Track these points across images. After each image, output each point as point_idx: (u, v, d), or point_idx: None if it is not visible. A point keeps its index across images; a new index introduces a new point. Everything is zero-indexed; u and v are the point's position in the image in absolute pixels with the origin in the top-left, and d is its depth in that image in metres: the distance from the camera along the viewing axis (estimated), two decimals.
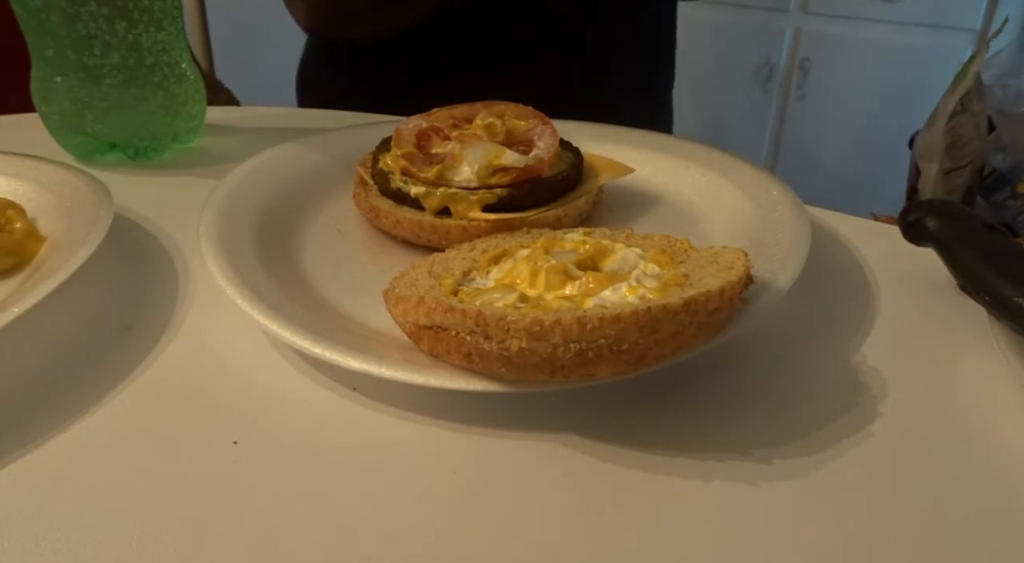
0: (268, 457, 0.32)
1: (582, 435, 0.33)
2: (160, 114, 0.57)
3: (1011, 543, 0.29)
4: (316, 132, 0.56)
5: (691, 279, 0.35)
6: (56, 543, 0.28)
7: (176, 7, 0.56)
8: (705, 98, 1.95)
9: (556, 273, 0.35)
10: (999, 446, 0.33)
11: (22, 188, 0.48)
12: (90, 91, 0.54)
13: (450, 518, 0.29)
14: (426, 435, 0.33)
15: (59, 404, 0.35)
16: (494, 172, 0.45)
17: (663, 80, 0.95)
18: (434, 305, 0.32)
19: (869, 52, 1.84)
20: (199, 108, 0.60)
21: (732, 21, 1.91)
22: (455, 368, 0.33)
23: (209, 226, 0.43)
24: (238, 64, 2.21)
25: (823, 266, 0.45)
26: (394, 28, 0.80)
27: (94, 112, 0.55)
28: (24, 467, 0.32)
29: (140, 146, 0.58)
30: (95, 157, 0.58)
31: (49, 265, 0.40)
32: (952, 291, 0.41)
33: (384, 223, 0.47)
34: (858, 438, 0.33)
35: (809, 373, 0.37)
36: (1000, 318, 0.36)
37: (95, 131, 0.56)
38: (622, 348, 0.30)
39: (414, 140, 0.48)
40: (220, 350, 0.38)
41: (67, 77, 0.54)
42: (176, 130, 0.59)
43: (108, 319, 0.41)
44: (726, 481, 0.31)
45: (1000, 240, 0.40)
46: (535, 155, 0.46)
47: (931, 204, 0.42)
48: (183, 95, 0.58)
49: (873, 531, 0.29)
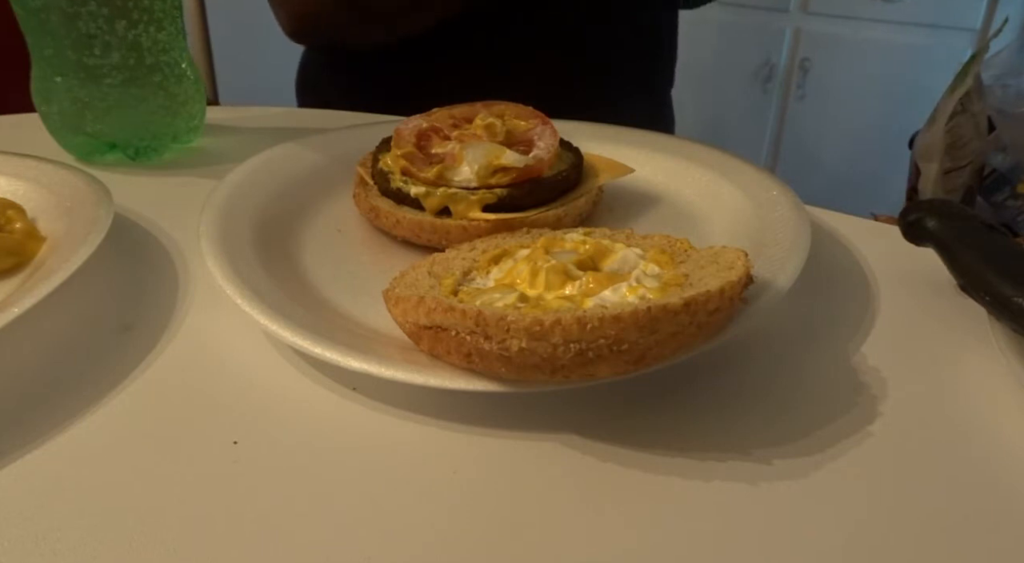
0: (268, 457, 0.32)
1: (582, 435, 0.33)
2: (160, 114, 0.57)
3: (1011, 543, 0.29)
4: (316, 132, 0.56)
5: (691, 279, 0.35)
6: (56, 543, 0.28)
7: (176, 7, 0.56)
8: (705, 98, 1.95)
9: (556, 273, 0.35)
10: (999, 446, 0.33)
11: (22, 188, 0.48)
12: (90, 91, 0.54)
13: (450, 518, 0.29)
14: (426, 435, 0.33)
15: (59, 404, 0.35)
16: (494, 172, 0.45)
17: (663, 80, 0.95)
18: (434, 305, 0.32)
19: (869, 52, 1.84)
20: (199, 108, 0.60)
21: (732, 21, 1.91)
22: (455, 368, 0.33)
23: (209, 226, 0.43)
24: (238, 64, 2.21)
25: (823, 266, 0.45)
26: (380, 40, 0.80)
27: (94, 112, 0.55)
28: (24, 467, 0.32)
29: (140, 146, 0.58)
30: (95, 157, 0.58)
31: (49, 265, 0.40)
32: (952, 291, 0.41)
33: (384, 223, 0.47)
34: (858, 438, 0.33)
35: (809, 373, 0.37)
36: (1000, 318, 0.36)
37: (95, 131, 0.56)
38: (622, 348, 0.30)
39: (414, 140, 0.48)
40: (220, 350, 0.38)
41: (67, 77, 0.54)
42: (176, 130, 0.59)
43: (108, 319, 0.41)
44: (726, 481, 0.31)
45: (1000, 240, 0.40)
46: (535, 155, 0.46)
47: (931, 204, 0.42)
48: (183, 95, 0.58)
49: (873, 531, 0.29)
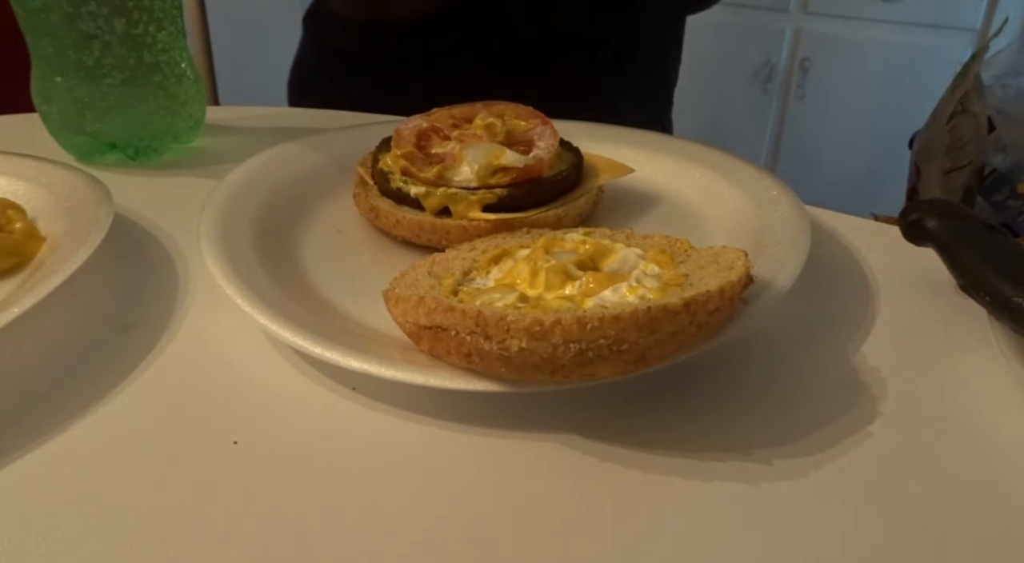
0: (268, 457, 0.32)
1: (582, 435, 0.33)
2: (160, 114, 0.57)
3: (1011, 543, 0.29)
4: (316, 132, 0.56)
5: (691, 279, 0.35)
6: (56, 543, 0.28)
7: (176, 6, 0.56)
8: (705, 98, 1.95)
9: (556, 273, 0.35)
10: (999, 446, 0.33)
11: (22, 188, 0.48)
12: (90, 90, 0.54)
13: (450, 518, 0.29)
14: (426, 435, 0.33)
15: (59, 404, 0.35)
16: (494, 172, 0.45)
17: (665, 80, 0.94)
18: (434, 305, 0.32)
19: (869, 52, 1.84)
20: (199, 108, 0.60)
21: (732, 21, 1.91)
22: (455, 368, 0.33)
23: (209, 226, 0.43)
24: (238, 64, 2.21)
25: (823, 266, 0.45)
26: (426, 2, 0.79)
27: (94, 112, 0.55)
28: (24, 467, 0.32)
29: (140, 146, 0.58)
30: (95, 157, 0.58)
31: (49, 265, 0.40)
32: (952, 291, 0.41)
33: (384, 223, 0.47)
34: (858, 438, 0.33)
35: (809, 373, 0.37)
36: (1000, 318, 0.36)
37: (95, 131, 0.56)
38: (622, 348, 0.30)
39: (414, 140, 0.48)
40: (220, 350, 0.38)
41: (67, 77, 0.54)
42: (176, 130, 0.59)
43: (108, 319, 0.41)
44: (726, 481, 0.31)
45: (1000, 240, 0.40)
46: (535, 155, 0.46)
47: (931, 204, 0.42)
48: (183, 95, 0.58)
49: (873, 531, 0.29)
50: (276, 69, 1.03)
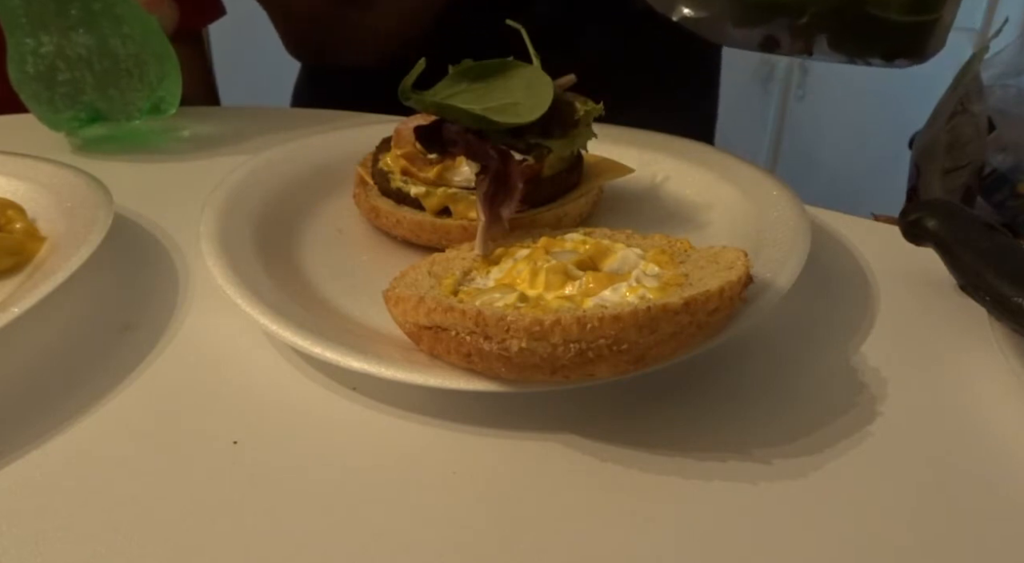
0: (268, 457, 0.32)
1: (582, 435, 0.33)
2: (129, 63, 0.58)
3: (1011, 543, 0.29)
4: (316, 132, 0.56)
5: (691, 279, 0.35)
6: (56, 543, 0.28)
7: None
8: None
9: (556, 273, 0.35)
10: (999, 446, 0.33)
11: (22, 188, 0.48)
12: (59, 43, 0.56)
13: (450, 518, 0.29)
14: (426, 435, 0.33)
15: (59, 404, 0.35)
16: None
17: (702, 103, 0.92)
18: (434, 305, 0.32)
19: None
20: (171, 66, 0.61)
21: None
22: (455, 368, 0.33)
23: (209, 226, 0.43)
24: (238, 64, 2.21)
25: (823, 266, 0.45)
26: (379, 50, 0.79)
27: (65, 61, 0.56)
28: (24, 467, 0.32)
29: (115, 106, 0.59)
30: (77, 130, 0.60)
31: (49, 265, 0.40)
32: (952, 291, 0.41)
33: (384, 223, 0.47)
34: (858, 438, 0.33)
35: (809, 373, 0.37)
36: (1000, 318, 0.36)
37: (66, 80, 0.57)
38: (622, 348, 0.30)
39: (414, 140, 0.48)
40: (220, 350, 0.38)
41: (36, 37, 0.56)
42: (148, 78, 0.59)
43: (108, 319, 0.41)
44: (726, 481, 0.31)
45: (1000, 240, 0.40)
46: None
47: (931, 204, 0.42)
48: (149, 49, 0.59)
49: (873, 531, 0.29)
50: (276, 69, 1.03)
